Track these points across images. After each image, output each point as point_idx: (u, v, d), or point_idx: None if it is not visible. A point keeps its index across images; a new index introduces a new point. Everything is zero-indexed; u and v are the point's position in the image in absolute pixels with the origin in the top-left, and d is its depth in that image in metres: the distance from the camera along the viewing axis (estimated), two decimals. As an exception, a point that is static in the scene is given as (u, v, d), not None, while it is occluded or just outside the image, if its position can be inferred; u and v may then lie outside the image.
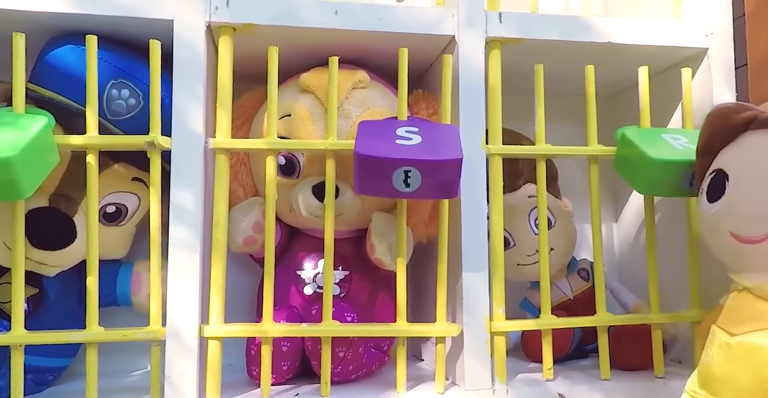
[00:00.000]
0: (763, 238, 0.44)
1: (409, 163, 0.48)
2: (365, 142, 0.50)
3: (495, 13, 0.59)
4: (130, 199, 0.59)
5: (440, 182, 0.50)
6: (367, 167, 0.49)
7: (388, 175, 0.49)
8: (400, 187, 0.50)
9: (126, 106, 0.56)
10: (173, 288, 0.52)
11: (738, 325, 0.45)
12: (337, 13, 0.57)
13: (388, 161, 0.48)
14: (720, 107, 0.49)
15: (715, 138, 0.50)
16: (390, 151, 0.49)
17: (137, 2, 0.53)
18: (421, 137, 0.51)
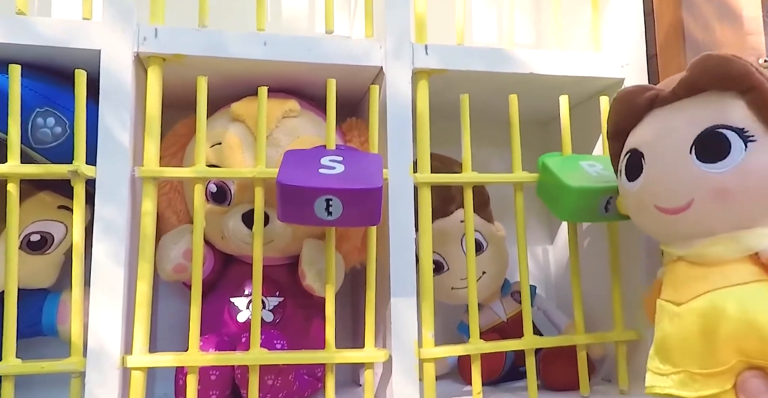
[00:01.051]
0: (685, 207, 0.46)
1: (329, 191, 0.49)
2: (288, 171, 0.51)
3: (421, 46, 0.62)
4: (56, 228, 0.59)
5: (361, 210, 0.51)
6: (289, 196, 0.50)
7: (310, 203, 0.50)
8: (323, 215, 0.51)
9: (52, 135, 0.55)
10: (95, 318, 0.51)
11: (681, 294, 0.46)
12: (265, 44, 0.58)
13: (309, 190, 0.49)
14: (624, 91, 0.52)
15: (622, 121, 0.53)
16: (312, 180, 0.50)
17: (64, 33, 0.54)
18: (344, 166, 0.52)
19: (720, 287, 0.44)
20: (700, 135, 0.45)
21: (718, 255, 0.45)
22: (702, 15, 0.65)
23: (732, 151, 0.44)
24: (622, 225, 0.64)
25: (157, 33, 0.56)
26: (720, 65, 0.45)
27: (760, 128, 0.44)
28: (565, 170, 0.59)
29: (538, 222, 0.84)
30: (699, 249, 0.46)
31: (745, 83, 0.44)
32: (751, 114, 0.44)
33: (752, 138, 0.44)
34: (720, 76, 0.45)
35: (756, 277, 0.44)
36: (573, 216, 0.60)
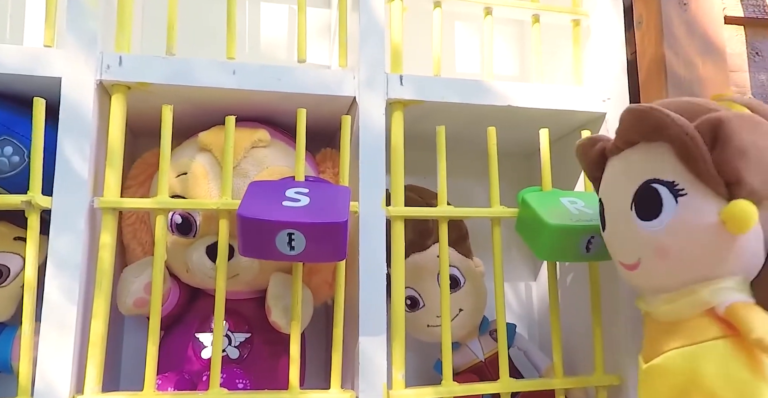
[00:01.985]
0: (636, 264, 0.46)
1: (291, 225, 0.47)
2: (249, 203, 0.49)
3: (396, 76, 0.60)
4: (12, 260, 0.56)
5: (325, 245, 0.49)
6: (250, 229, 0.48)
7: (272, 237, 0.48)
8: (285, 249, 0.48)
9: (9, 164, 0.54)
10: (44, 356, 0.49)
11: (648, 350, 0.46)
12: (234, 72, 0.57)
13: (270, 223, 0.47)
14: (577, 144, 0.53)
15: (589, 171, 0.53)
16: (273, 213, 0.48)
17: (25, 59, 0.53)
18: (310, 198, 0.51)
19: (677, 346, 0.43)
20: (637, 191, 0.45)
21: (676, 313, 0.44)
22: (684, 51, 0.64)
23: (664, 207, 0.43)
24: (603, 265, 0.62)
25: (122, 61, 0.55)
26: (637, 119, 0.44)
27: (689, 180, 0.43)
28: (544, 206, 0.57)
29: (521, 257, 0.82)
30: (658, 305, 0.46)
31: (664, 136, 0.43)
32: (679, 165, 0.43)
33: (682, 192, 0.42)
34: (642, 129, 0.45)
35: (717, 334, 0.42)
36: (552, 256, 0.58)
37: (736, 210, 0.40)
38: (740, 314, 0.40)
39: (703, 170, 0.41)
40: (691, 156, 0.42)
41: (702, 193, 0.42)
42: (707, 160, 0.41)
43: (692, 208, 0.42)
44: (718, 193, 0.42)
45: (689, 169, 0.42)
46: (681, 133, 0.42)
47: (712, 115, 0.42)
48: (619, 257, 0.48)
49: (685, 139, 0.41)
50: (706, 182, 0.42)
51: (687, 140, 0.41)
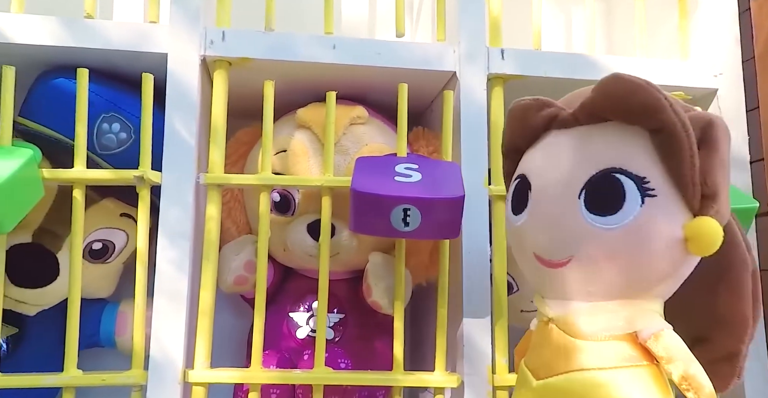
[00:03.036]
0: (563, 263, 0.37)
1: (409, 200, 0.46)
2: (363, 179, 0.48)
3: (497, 50, 0.58)
4: (117, 236, 0.57)
5: (441, 221, 0.47)
6: (364, 204, 0.47)
7: (387, 213, 0.47)
8: (399, 226, 0.47)
9: (117, 141, 0.54)
10: (157, 330, 0.49)
11: (542, 365, 0.39)
12: (334, 47, 0.56)
13: (387, 199, 0.46)
14: (518, 103, 0.42)
15: (516, 138, 0.43)
16: (389, 188, 0.47)
17: (131, 36, 0.53)
18: (422, 174, 0.49)
19: (585, 368, 0.36)
20: (593, 177, 0.36)
21: (592, 328, 0.37)
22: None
23: (626, 204, 0.35)
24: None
25: (225, 36, 0.54)
26: (625, 92, 0.36)
27: (664, 180, 0.35)
28: None
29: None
30: (572, 315, 0.38)
31: (653, 120, 0.35)
32: (657, 160, 0.36)
33: (651, 191, 0.35)
34: (625, 106, 0.36)
35: (632, 361, 0.36)
36: None
37: (705, 228, 0.35)
38: (669, 346, 0.36)
39: (687, 173, 0.35)
40: (678, 153, 0.34)
41: (672, 200, 0.35)
42: (695, 163, 0.35)
43: (658, 214, 0.35)
44: (689, 203, 0.35)
45: (668, 168, 0.35)
46: (677, 122, 0.34)
47: (703, 112, 0.36)
48: (541, 251, 0.39)
49: (680, 132, 0.34)
50: (683, 188, 0.35)
51: (681, 134, 0.34)
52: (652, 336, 0.36)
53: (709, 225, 0.35)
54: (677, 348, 0.36)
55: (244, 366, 0.54)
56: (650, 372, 0.36)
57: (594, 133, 0.38)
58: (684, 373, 0.35)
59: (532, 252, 0.39)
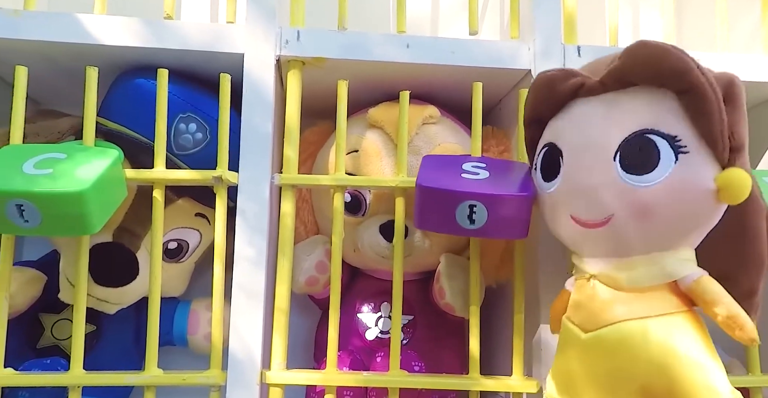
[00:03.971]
0: (603, 222, 0.40)
1: (475, 196, 0.45)
2: (429, 174, 0.47)
3: (573, 47, 0.57)
4: (191, 235, 0.57)
5: (508, 220, 0.46)
6: (430, 200, 0.46)
7: (452, 209, 0.46)
8: (464, 223, 0.46)
9: (193, 141, 0.54)
10: (235, 331, 0.49)
11: (589, 319, 0.41)
12: (408, 46, 0.55)
13: (452, 194, 0.45)
14: (544, 76, 0.44)
15: (541, 107, 0.45)
16: (455, 183, 0.46)
17: (208, 36, 0.53)
18: (489, 172, 0.48)
19: (633, 317, 0.39)
20: (627, 140, 0.39)
21: (634, 280, 0.40)
22: None
23: (660, 163, 0.38)
24: None
25: (299, 36, 0.54)
26: (654, 57, 0.38)
27: (694, 138, 0.38)
28: None
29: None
30: (614, 271, 0.40)
31: (682, 82, 0.37)
32: (686, 119, 0.38)
33: (684, 149, 0.38)
34: (653, 70, 0.38)
35: (674, 308, 0.39)
36: None
37: (735, 178, 0.37)
38: (711, 290, 0.38)
39: (717, 129, 0.37)
40: (708, 111, 0.37)
41: (703, 154, 0.38)
42: (724, 118, 0.37)
43: (691, 169, 0.38)
44: (719, 157, 0.38)
45: (697, 125, 0.38)
46: (705, 82, 0.37)
47: (721, 72, 0.39)
48: (579, 213, 0.41)
49: (708, 91, 0.37)
50: (713, 143, 0.38)
51: (710, 92, 0.37)
52: (693, 283, 0.38)
53: (739, 175, 0.37)
54: (719, 292, 0.38)
55: (311, 367, 0.54)
56: (692, 318, 0.39)
57: (622, 99, 0.40)
58: (728, 313, 0.37)
59: (569, 215, 0.41)
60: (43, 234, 0.47)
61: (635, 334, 0.38)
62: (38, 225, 0.43)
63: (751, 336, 0.37)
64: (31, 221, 0.43)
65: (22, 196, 0.42)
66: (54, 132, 0.52)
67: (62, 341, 0.57)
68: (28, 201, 0.42)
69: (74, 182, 0.42)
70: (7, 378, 0.47)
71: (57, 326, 0.57)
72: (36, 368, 0.49)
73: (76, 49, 0.52)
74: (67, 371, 0.48)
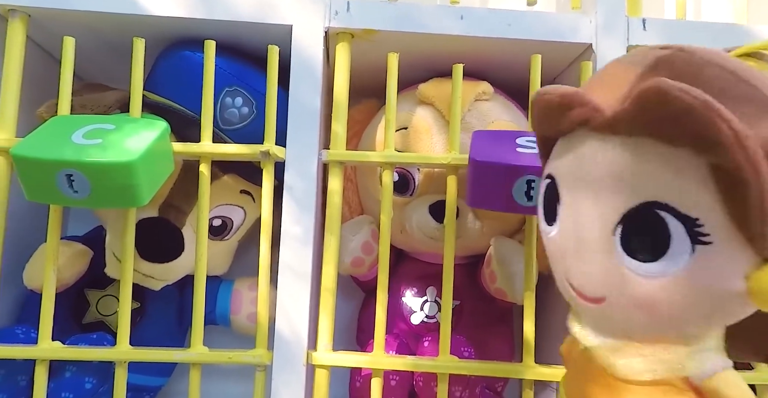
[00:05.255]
0: (597, 300, 0.31)
1: (535, 171, 0.42)
2: (482, 149, 0.45)
3: (638, 20, 0.53)
4: (236, 213, 0.56)
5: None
6: (485, 175, 0.44)
7: (509, 184, 0.43)
8: (521, 199, 0.44)
9: (239, 115, 0.53)
10: (282, 310, 0.48)
11: (577, 394, 0.34)
12: (462, 18, 0.53)
13: (510, 168, 0.43)
14: (541, 98, 0.33)
15: (543, 128, 0.35)
16: (511, 157, 0.44)
17: (257, 7, 0.51)
18: (548, 148, 0.45)
19: None
20: (631, 211, 0.28)
21: (633, 369, 0.31)
22: None
23: (671, 250, 0.28)
24: None
25: (349, 6, 0.52)
26: (674, 113, 0.26)
27: (721, 221, 0.27)
28: None
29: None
30: (612, 353, 0.32)
31: (711, 154, 0.26)
32: (716, 197, 0.27)
33: (705, 238, 0.27)
34: (672, 130, 0.27)
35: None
36: None
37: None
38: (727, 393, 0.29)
39: (755, 214, 0.26)
40: (743, 196, 0.26)
41: (733, 245, 0.27)
42: (765, 199, 0.25)
43: (713, 265, 0.27)
44: (754, 246, 0.27)
45: (729, 207, 0.27)
46: (743, 161, 0.25)
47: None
48: (573, 281, 0.32)
49: (747, 172, 0.25)
50: (746, 230, 0.26)
51: (750, 174, 0.25)
52: (706, 380, 0.30)
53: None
54: (733, 393, 0.29)
55: (354, 350, 0.52)
56: None
57: (633, 151, 0.28)
58: None
59: (564, 276, 0.33)
60: (92, 205, 0.46)
61: None
62: (87, 196, 0.42)
63: None
64: (80, 192, 0.42)
65: (72, 166, 0.41)
66: (101, 105, 0.51)
67: (107, 317, 0.56)
68: (78, 171, 0.41)
69: (124, 152, 0.41)
70: (55, 351, 0.47)
71: (102, 302, 0.57)
72: (83, 342, 0.49)
73: (123, 19, 0.51)
74: (113, 346, 0.47)
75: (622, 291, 0.29)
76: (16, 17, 0.50)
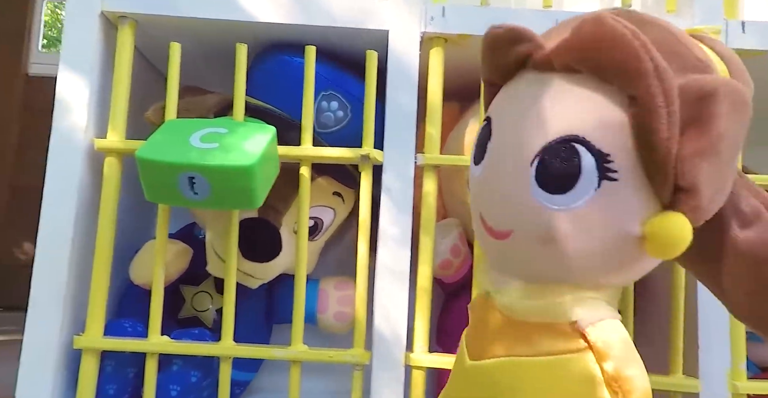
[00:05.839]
0: (504, 235, 0.32)
1: None
2: None
3: (737, 22, 0.52)
4: (327, 214, 0.57)
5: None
6: None
7: None
8: None
9: (334, 119, 0.54)
10: (380, 311, 0.49)
11: (478, 346, 0.34)
12: (557, 22, 0.52)
13: None
14: (489, 33, 0.35)
15: (490, 73, 0.36)
16: None
17: (355, 13, 0.52)
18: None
19: (517, 355, 0.32)
20: (550, 144, 0.30)
21: (530, 312, 0.32)
22: None
23: (579, 184, 0.29)
24: None
25: (444, 12, 0.53)
26: (604, 43, 0.28)
27: (631, 160, 0.28)
28: None
29: None
30: (510, 295, 0.33)
31: (631, 85, 0.28)
32: (629, 134, 0.28)
33: (612, 174, 0.29)
34: (599, 60, 0.29)
35: (565, 350, 0.31)
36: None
37: (668, 229, 0.28)
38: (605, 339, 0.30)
39: (660, 160, 0.28)
40: (653, 134, 0.27)
41: (637, 186, 0.29)
42: (672, 148, 0.27)
43: (615, 202, 0.29)
44: (658, 193, 0.29)
45: (639, 148, 0.28)
46: (657, 93, 0.27)
47: (706, 78, 0.28)
48: (485, 214, 0.33)
49: (658, 106, 0.27)
50: (652, 174, 0.28)
51: (660, 108, 0.27)
52: (590, 326, 0.31)
53: (673, 224, 0.28)
54: (614, 344, 0.30)
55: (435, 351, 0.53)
56: (585, 361, 0.30)
57: (565, 87, 0.30)
58: (615, 373, 0.30)
59: (479, 212, 0.34)
60: (209, 207, 0.48)
61: (520, 373, 0.32)
62: (207, 197, 0.44)
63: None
64: (200, 193, 0.44)
65: (195, 169, 0.42)
66: (203, 108, 0.53)
67: (201, 312, 0.58)
68: (199, 173, 0.42)
69: (243, 156, 0.43)
70: (165, 345, 0.49)
71: (196, 298, 0.59)
72: (186, 337, 0.50)
73: (223, 25, 0.53)
74: (216, 342, 0.49)
75: (528, 223, 0.31)
76: (126, 24, 0.52)
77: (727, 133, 0.28)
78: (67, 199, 0.49)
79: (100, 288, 0.49)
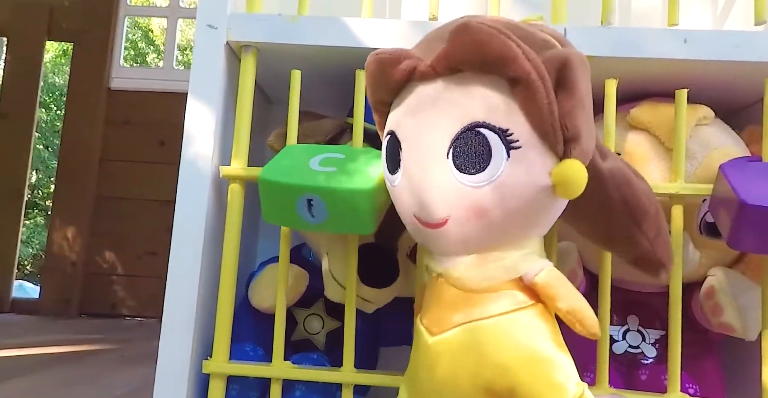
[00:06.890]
0: (441, 224, 0.37)
1: None
2: (750, 189, 0.42)
3: None
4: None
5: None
6: (757, 220, 0.41)
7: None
8: None
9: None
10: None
11: (436, 321, 0.39)
12: (686, 41, 0.51)
13: None
14: (374, 59, 0.40)
15: (379, 92, 0.41)
16: None
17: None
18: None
19: (477, 318, 0.37)
20: (459, 135, 0.36)
21: (478, 279, 0.37)
22: None
23: (492, 161, 0.35)
24: None
25: (566, 33, 0.51)
26: (477, 43, 0.35)
27: (526, 130, 0.35)
28: None
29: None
30: (458, 269, 0.38)
31: (508, 70, 0.34)
32: (517, 109, 0.35)
33: (515, 143, 0.35)
34: (478, 57, 0.35)
35: (519, 304, 0.37)
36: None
37: (570, 172, 0.35)
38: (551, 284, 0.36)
39: (547, 121, 0.34)
40: (536, 102, 0.34)
41: (537, 148, 0.35)
42: (554, 109, 0.34)
43: (524, 165, 0.35)
44: (553, 149, 0.35)
45: (529, 117, 0.35)
46: (531, 71, 0.34)
47: (558, 51, 0.35)
48: (419, 213, 0.38)
49: (535, 80, 0.34)
50: (545, 135, 0.35)
51: (537, 82, 0.34)
52: (535, 278, 0.37)
53: (573, 169, 0.35)
54: (559, 285, 0.36)
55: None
56: (538, 311, 0.37)
57: (454, 87, 0.37)
58: (568, 307, 0.36)
59: (411, 213, 0.39)
60: (325, 229, 0.48)
61: (478, 336, 0.36)
62: (323, 220, 0.44)
63: (591, 330, 0.35)
64: (317, 216, 0.44)
65: (315, 191, 0.43)
66: (320, 133, 0.54)
67: (313, 335, 0.59)
68: (319, 196, 0.43)
69: (362, 180, 0.43)
70: (287, 371, 0.49)
71: (307, 320, 0.59)
72: (305, 362, 0.51)
73: (340, 52, 0.53)
74: (339, 368, 0.49)
75: (461, 206, 0.36)
76: (249, 53, 0.53)
77: (585, 89, 0.36)
78: (196, 227, 0.50)
79: (225, 312, 0.50)
